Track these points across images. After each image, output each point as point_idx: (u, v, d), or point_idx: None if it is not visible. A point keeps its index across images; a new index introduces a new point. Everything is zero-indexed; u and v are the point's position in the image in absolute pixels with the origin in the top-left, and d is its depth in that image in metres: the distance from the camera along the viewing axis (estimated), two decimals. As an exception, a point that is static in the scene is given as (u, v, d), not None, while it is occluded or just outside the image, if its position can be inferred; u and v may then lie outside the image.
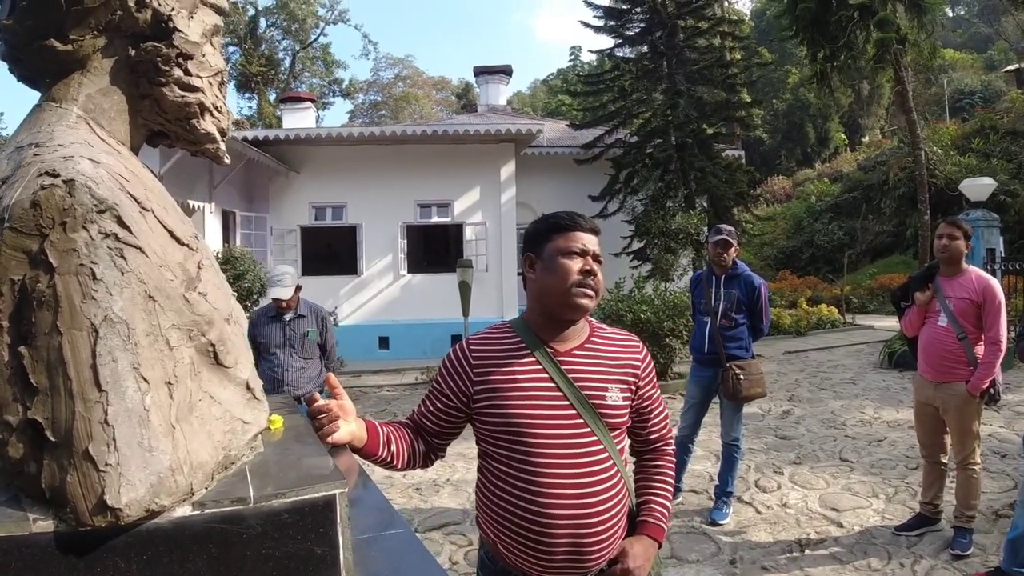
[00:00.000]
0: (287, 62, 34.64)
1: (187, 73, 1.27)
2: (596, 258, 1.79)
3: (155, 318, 1.04)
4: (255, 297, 10.50)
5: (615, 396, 1.79)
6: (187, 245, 1.20)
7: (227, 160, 1.42)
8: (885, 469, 5.44)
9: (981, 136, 22.02)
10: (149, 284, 1.04)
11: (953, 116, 28.71)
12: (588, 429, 1.73)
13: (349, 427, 1.65)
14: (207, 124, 1.33)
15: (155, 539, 0.96)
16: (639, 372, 1.88)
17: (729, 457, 4.80)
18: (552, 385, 1.74)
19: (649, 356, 1.96)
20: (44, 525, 0.93)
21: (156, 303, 1.05)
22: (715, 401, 4.98)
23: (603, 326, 1.96)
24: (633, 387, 1.86)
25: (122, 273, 1.01)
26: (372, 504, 1.46)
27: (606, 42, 15.80)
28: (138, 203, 1.10)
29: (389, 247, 14.00)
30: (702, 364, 4.94)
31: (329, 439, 1.58)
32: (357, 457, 1.69)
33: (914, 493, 4.79)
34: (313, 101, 18.97)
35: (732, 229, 4.96)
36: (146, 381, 0.99)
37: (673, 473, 2.03)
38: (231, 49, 33.25)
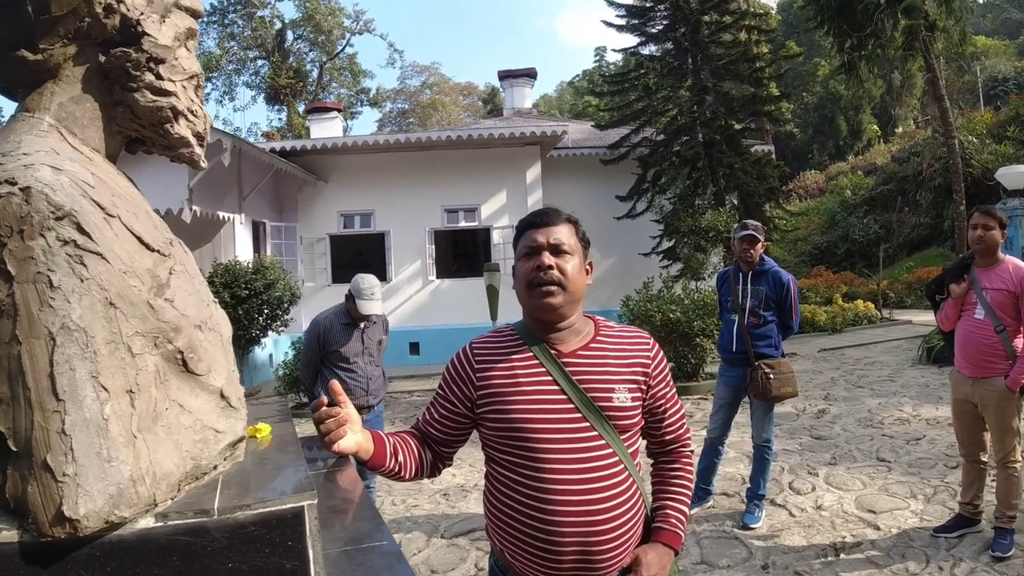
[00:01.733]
0: (315, 73, 35.14)
1: (159, 77, 1.26)
2: (556, 249, 1.70)
3: (116, 325, 1.02)
4: (286, 306, 10.62)
5: (623, 397, 1.70)
6: (158, 251, 1.19)
7: (204, 164, 1.41)
8: (924, 469, 5.25)
9: (1017, 123, 21.27)
10: (111, 291, 1.03)
11: (987, 104, 27.81)
12: (595, 432, 1.65)
13: (355, 437, 1.58)
14: (181, 128, 1.31)
15: (118, 551, 0.94)
16: (649, 371, 1.79)
17: (761, 459, 4.67)
18: (556, 388, 1.67)
19: (661, 354, 1.87)
20: (8, 535, 0.91)
21: (118, 310, 1.03)
22: (745, 401, 4.87)
23: (611, 324, 1.89)
24: (644, 386, 1.77)
25: (81, 280, 0.99)
26: (363, 516, 1.43)
27: (630, 41, 15.66)
28: (102, 209, 1.09)
29: (417, 253, 14.06)
30: (730, 364, 4.83)
31: (335, 447, 1.51)
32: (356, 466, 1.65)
33: (953, 493, 4.60)
34: (340, 111, 19.17)
35: (759, 224, 4.83)
36: (105, 390, 0.97)
37: (692, 476, 1.95)
38: (259, 63, 33.91)
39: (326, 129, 16.92)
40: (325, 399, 1.58)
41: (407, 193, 13.69)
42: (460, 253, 15.55)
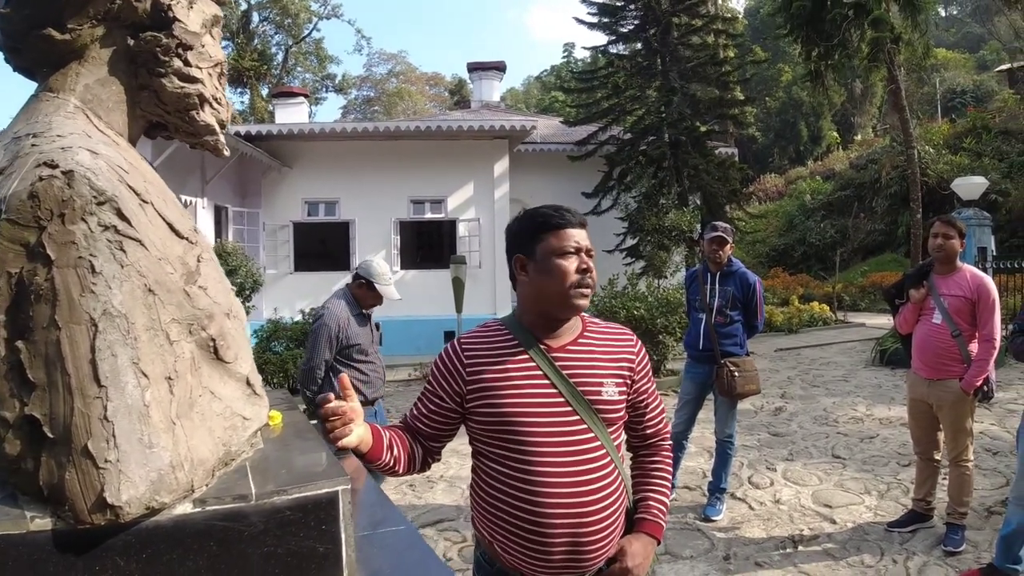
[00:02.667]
0: (280, 57, 34.46)
1: (187, 64, 1.25)
2: (588, 253, 1.75)
3: (155, 312, 1.02)
4: (247, 293, 10.42)
5: (611, 391, 1.76)
6: (187, 239, 1.19)
7: (226, 152, 1.41)
8: (877, 466, 5.46)
9: (973, 135, 22.13)
10: (149, 278, 1.03)
11: (945, 115, 28.84)
12: (585, 426, 1.70)
13: (358, 431, 1.62)
14: (207, 116, 1.31)
15: (155, 537, 0.95)
16: (634, 366, 1.84)
17: (723, 453, 4.81)
18: (547, 382, 1.71)
19: (644, 350, 1.93)
20: (42, 523, 0.91)
21: (156, 297, 1.03)
22: (709, 398, 4.99)
23: (596, 320, 1.93)
24: (628, 381, 1.82)
25: (122, 266, 0.99)
26: (370, 500, 1.45)
27: (600, 39, 15.84)
28: (138, 195, 1.09)
29: (382, 243, 13.94)
30: (697, 361, 4.95)
31: (340, 443, 1.55)
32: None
33: (906, 490, 4.81)
34: (306, 96, 18.87)
35: (728, 226, 4.96)
36: (146, 376, 0.97)
37: (671, 469, 2.01)
38: (224, 43, 33.05)
39: (291, 114, 16.63)
40: (332, 396, 1.59)
41: (373, 182, 13.56)
42: (425, 244, 15.47)
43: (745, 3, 38.53)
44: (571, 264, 1.71)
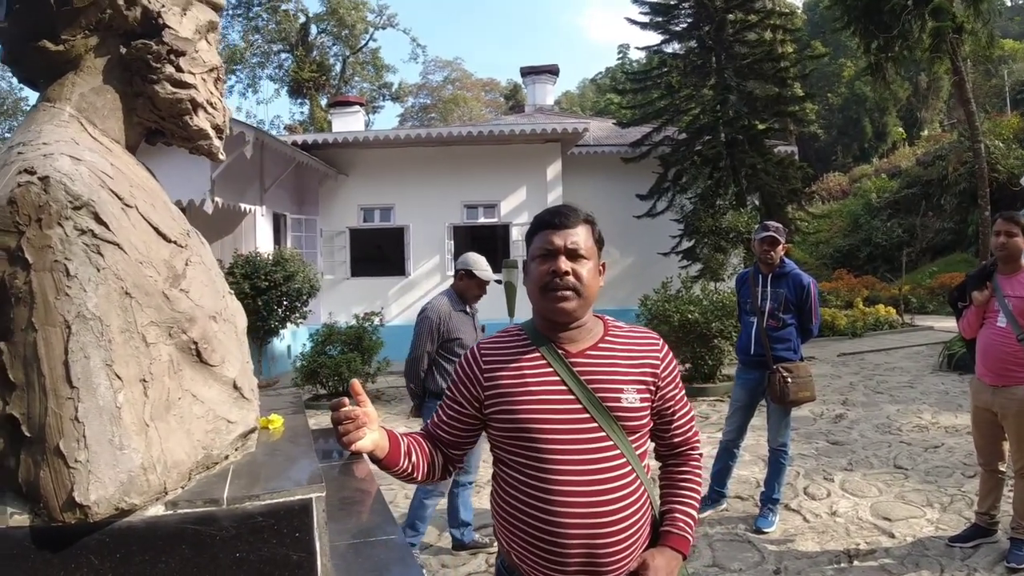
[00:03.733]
0: (338, 67, 35.30)
1: (179, 70, 1.27)
2: (572, 253, 1.67)
3: (132, 315, 1.03)
4: (304, 298, 10.69)
5: (631, 397, 1.68)
6: (175, 242, 1.20)
7: (222, 157, 1.42)
8: (941, 477, 5.18)
9: (1044, 129, 20.97)
10: (127, 281, 1.04)
11: (1015, 108, 27.26)
12: (602, 433, 1.64)
13: (372, 435, 1.59)
14: (200, 120, 1.32)
15: (128, 538, 0.95)
16: (658, 371, 1.75)
17: (776, 463, 4.64)
18: (564, 388, 1.65)
19: (671, 355, 1.84)
20: (20, 519, 0.93)
21: (133, 300, 1.04)
22: (762, 404, 4.83)
23: (620, 324, 1.87)
24: (652, 387, 1.74)
25: (98, 270, 1.01)
26: (374, 509, 1.43)
27: (654, 39, 15.57)
28: (120, 199, 1.10)
29: (436, 248, 14.09)
30: (748, 366, 4.80)
31: (353, 447, 1.53)
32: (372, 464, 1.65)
33: (971, 503, 4.54)
34: (362, 105, 19.24)
35: (780, 226, 4.78)
36: (119, 378, 0.98)
37: (700, 480, 1.92)
38: (283, 56, 34.15)
39: (348, 123, 16.99)
40: (346, 400, 1.57)
41: (427, 188, 13.72)
42: (479, 249, 15.52)
43: (804, -1, 37.47)
44: (544, 267, 1.67)
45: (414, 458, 1.70)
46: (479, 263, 4.30)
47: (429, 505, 4.20)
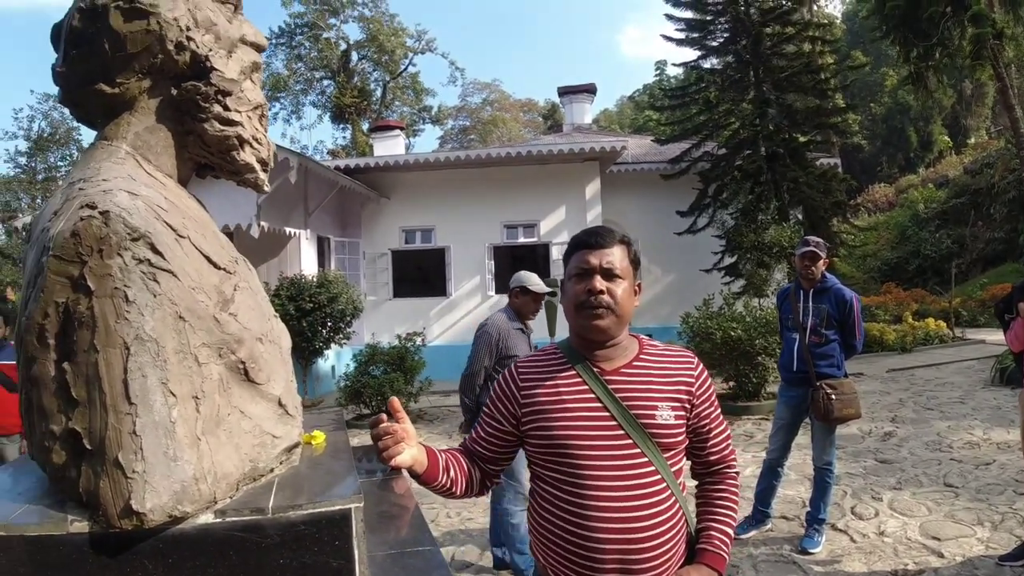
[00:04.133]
0: (378, 92, 36.10)
1: (226, 108, 1.37)
2: (608, 273, 1.71)
3: (185, 337, 1.11)
4: (348, 319, 10.89)
5: (666, 415, 1.69)
6: (224, 269, 1.28)
7: (267, 189, 1.51)
8: (992, 495, 4.99)
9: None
10: (180, 305, 1.12)
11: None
12: (638, 450, 1.65)
13: (411, 451, 1.61)
14: (246, 155, 1.42)
15: (179, 544, 1.02)
16: (693, 389, 1.76)
17: (821, 482, 4.55)
18: (599, 405, 1.68)
19: (705, 373, 1.85)
20: (80, 526, 1.01)
21: (187, 323, 1.12)
22: (807, 422, 4.74)
23: (655, 343, 1.89)
24: (687, 405, 1.75)
25: (154, 295, 1.09)
26: (411, 523, 1.48)
27: (690, 54, 15.53)
28: (174, 231, 1.19)
29: (477, 268, 14.22)
30: (791, 383, 4.73)
31: (393, 462, 1.54)
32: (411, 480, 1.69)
33: (1021, 520, 4.38)
34: (402, 129, 19.61)
35: (820, 241, 4.71)
36: (173, 395, 1.06)
37: (737, 498, 1.92)
38: (325, 83, 35.06)
39: (389, 147, 17.33)
40: (384, 416, 1.59)
41: (467, 209, 13.89)
42: (520, 268, 15.60)
43: (843, 8, 36.89)
44: (580, 286, 1.71)
45: (452, 473, 1.73)
46: (531, 278, 4.39)
47: (519, 524, 4.15)
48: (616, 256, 1.73)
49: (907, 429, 7.19)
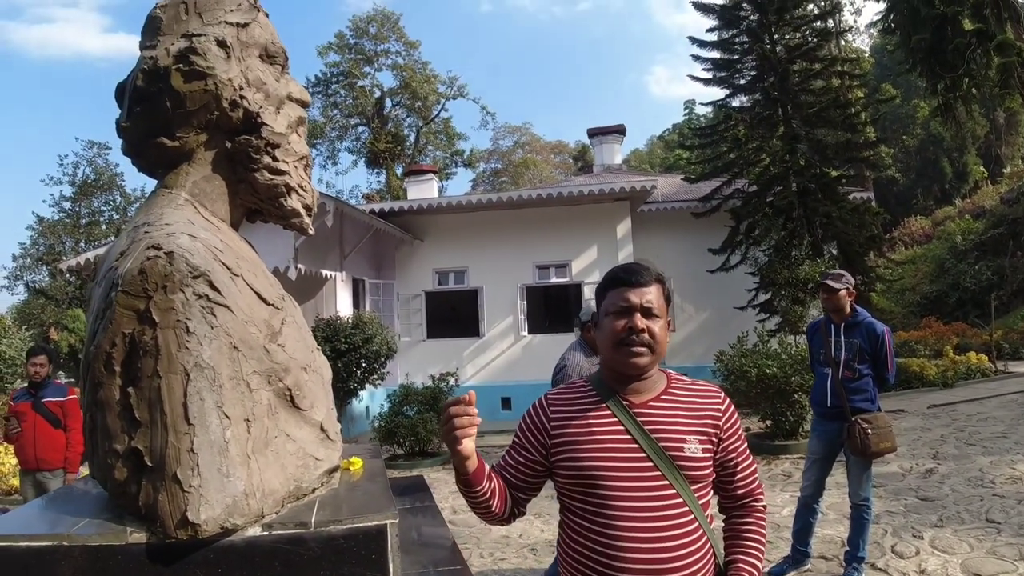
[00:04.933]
0: (412, 137, 37.02)
1: (275, 159, 1.50)
2: (647, 312, 1.74)
3: (238, 365, 1.23)
4: (383, 360, 11.04)
5: (694, 448, 1.73)
6: (272, 305, 1.40)
7: (311, 232, 1.64)
8: (1035, 530, 4.86)
9: None
10: (235, 336, 1.24)
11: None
12: (666, 482, 1.68)
13: (473, 443, 1.59)
14: (293, 202, 1.55)
15: (229, 555, 1.11)
16: (720, 423, 1.80)
17: (859, 519, 4.47)
18: (628, 437, 1.72)
19: (732, 407, 1.86)
20: (138, 537, 1.11)
21: (240, 352, 1.24)
22: (841, 459, 4.68)
23: (682, 377, 1.90)
24: (715, 439, 1.78)
25: (212, 327, 1.21)
26: (439, 543, 1.56)
27: (718, 93, 15.69)
28: (229, 270, 1.31)
29: (510, 309, 14.34)
30: (824, 418, 4.69)
31: (461, 444, 1.53)
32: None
33: (1069, 556, 4.26)
34: (435, 172, 20.06)
35: (840, 272, 4.71)
36: (228, 417, 1.17)
37: (765, 531, 1.92)
38: (360, 129, 36.07)
39: (422, 190, 17.71)
40: (467, 396, 1.56)
41: (499, 250, 14.07)
42: (552, 308, 15.69)
43: (871, 42, 36.89)
44: (620, 322, 1.74)
45: (495, 483, 1.74)
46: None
47: None
48: (654, 294, 1.78)
49: (949, 465, 7.01)
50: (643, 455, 1.69)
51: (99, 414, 1.22)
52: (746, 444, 1.88)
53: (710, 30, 15.66)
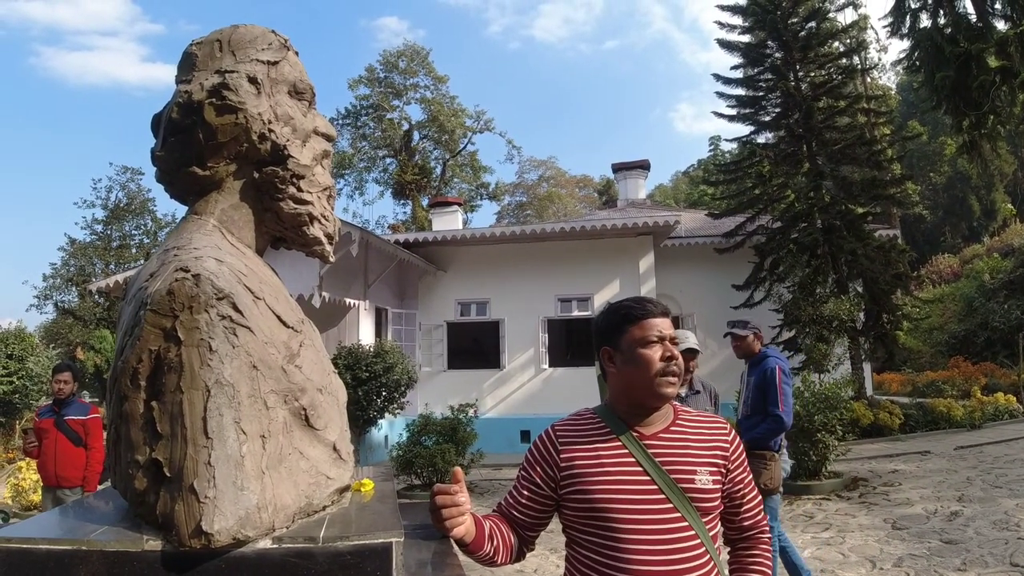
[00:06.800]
0: (438, 170, 37.56)
1: (300, 190, 1.58)
2: (673, 341, 1.77)
3: (257, 383, 1.28)
4: (403, 389, 11.08)
5: (704, 479, 1.73)
6: (292, 327, 1.46)
7: (331, 259, 1.71)
8: (1061, 574, 4.71)
9: None
10: (255, 356, 1.30)
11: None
12: (678, 514, 1.68)
13: (466, 522, 1.62)
14: (315, 230, 1.62)
15: (240, 566, 1.16)
16: (728, 455, 1.81)
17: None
18: (639, 469, 1.71)
19: (739, 439, 1.87)
20: (153, 544, 1.16)
21: (259, 372, 1.29)
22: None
23: (688, 409, 1.91)
24: (723, 470, 1.79)
25: (233, 347, 1.27)
26: (449, 567, 1.58)
27: (743, 130, 15.83)
28: (252, 293, 1.38)
29: (531, 341, 14.36)
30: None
31: (453, 532, 1.57)
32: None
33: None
34: (460, 205, 20.30)
35: (746, 321, 5.28)
36: (244, 433, 1.22)
37: (770, 563, 1.93)
38: (388, 161, 36.66)
39: (447, 222, 17.92)
40: (453, 487, 1.59)
41: (522, 283, 14.15)
42: (573, 342, 15.69)
43: (898, 79, 36.84)
44: (655, 352, 1.74)
45: (495, 541, 1.74)
46: (688, 335, 4.35)
47: None
48: (670, 324, 1.82)
49: (974, 508, 6.85)
50: (654, 487, 1.69)
51: (123, 426, 1.28)
52: (751, 475, 1.89)
53: (735, 67, 15.87)
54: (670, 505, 1.68)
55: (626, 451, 1.74)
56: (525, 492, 1.82)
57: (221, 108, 1.50)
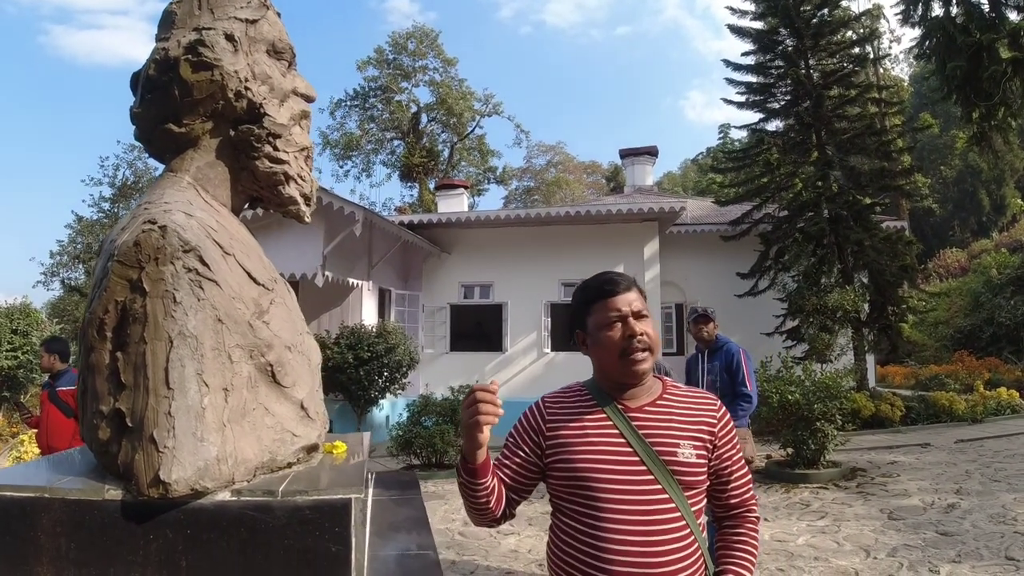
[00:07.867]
0: (446, 153, 37.40)
1: (276, 149, 1.57)
2: (638, 315, 1.76)
3: (222, 337, 1.28)
4: (404, 370, 11.11)
5: (687, 452, 1.73)
6: (263, 285, 1.46)
7: (308, 220, 1.70)
8: (1056, 569, 4.70)
9: None
10: (220, 310, 1.29)
11: None
12: (659, 486, 1.68)
13: (490, 432, 1.60)
14: (291, 190, 1.61)
15: (198, 516, 1.16)
16: (715, 430, 1.80)
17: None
18: (622, 441, 1.72)
19: (728, 415, 1.86)
20: (114, 494, 1.17)
21: (224, 325, 1.29)
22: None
23: (679, 385, 1.91)
24: (709, 445, 1.79)
25: (198, 300, 1.27)
26: (418, 531, 1.59)
27: (752, 117, 15.67)
28: (221, 248, 1.38)
29: (534, 325, 14.35)
30: None
31: (481, 429, 1.55)
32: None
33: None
34: (466, 187, 20.25)
35: (707, 308, 5.58)
36: (206, 385, 1.22)
37: (757, 541, 1.92)
38: (396, 143, 36.56)
39: (453, 204, 17.88)
40: (492, 385, 1.58)
41: (526, 266, 14.12)
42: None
43: (911, 70, 36.40)
44: (615, 333, 1.75)
45: (495, 482, 1.75)
46: None
47: None
48: (638, 298, 1.80)
49: (972, 501, 6.83)
50: (636, 458, 1.70)
51: (90, 377, 1.28)
52: (741, 453, 1.88)
53: (745, 54, 15.67)
54: (651, 477, 1.68)
55: (611, 423, 1.75)
56: (513, 458, 1.84)
57: (197, 65, 1.49)
